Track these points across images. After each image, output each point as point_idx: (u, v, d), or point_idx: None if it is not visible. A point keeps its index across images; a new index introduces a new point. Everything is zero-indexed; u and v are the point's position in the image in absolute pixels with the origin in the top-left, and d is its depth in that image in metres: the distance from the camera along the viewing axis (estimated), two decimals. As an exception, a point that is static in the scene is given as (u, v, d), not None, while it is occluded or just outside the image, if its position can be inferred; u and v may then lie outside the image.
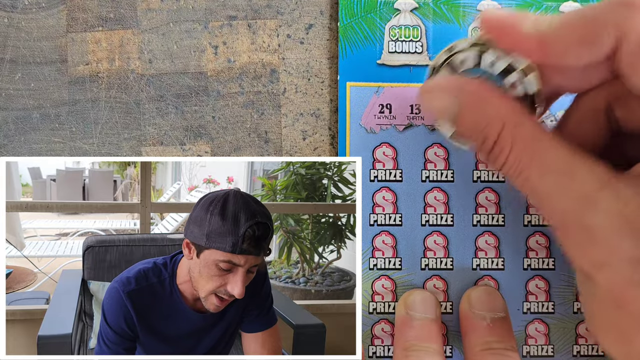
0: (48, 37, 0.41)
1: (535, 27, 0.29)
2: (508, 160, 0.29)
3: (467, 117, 0.31)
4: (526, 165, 0.29)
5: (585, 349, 0.41)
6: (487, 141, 0.30)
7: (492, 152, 0.30)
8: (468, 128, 0.31)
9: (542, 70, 0.31)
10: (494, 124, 0.30)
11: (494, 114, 0.30)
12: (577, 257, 0.29)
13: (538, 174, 0.29)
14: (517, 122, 0.29)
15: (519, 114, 0.30)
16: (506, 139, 0.29)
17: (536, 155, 0.29)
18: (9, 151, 0.41)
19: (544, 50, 0.29)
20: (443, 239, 0.41)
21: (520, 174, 0.29)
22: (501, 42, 0.31)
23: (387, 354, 0.41)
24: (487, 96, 0.30)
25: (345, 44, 0.40)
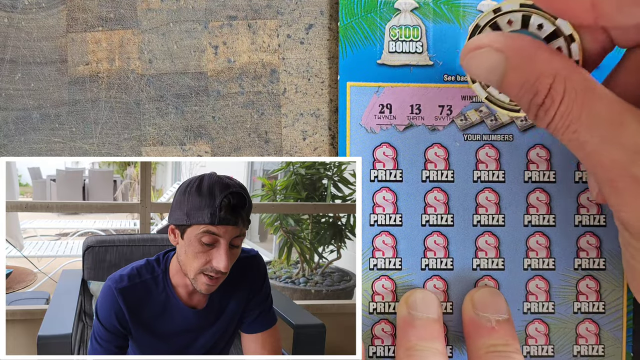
0: (48, 37, 0.41)
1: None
2: (558, 112, 0.29)
3: (517, 73, 0.30)
4: (576, 117, 0.29)
5: (585, 349, 0.41)
6: (538, 95, 0.29)
7: (543, 106, 0.29)
8: (517, 84, 0.30)
9: (593, 27, 0.31)
10: (544, 77, 0.29)
11: (543, 66, 0.29)
12: (625, 210, 0.29)
13: (588, 126, 0.28)
14: (567, 74, 0.29)
15: (569, 66, 0.29)
16: (558, 90, 0.29)
17: (587, 107, 0.28)
18: (9, 151, 0.41)
19: (597, 11, 0.28)
20: (443, 239, 0.41)
21: (568, 127, 0.29)
22: (552, 6, 0.30)
23: (387, 354, 0.41)
24: (537, 50, 0.30)
25: (345, 44, 0.40)
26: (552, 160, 0.41)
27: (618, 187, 0.28)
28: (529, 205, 0.41)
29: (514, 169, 0.41)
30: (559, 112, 0.29)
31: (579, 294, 0.41)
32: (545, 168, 0.41)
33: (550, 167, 0.41)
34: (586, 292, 0.41)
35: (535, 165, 0.41)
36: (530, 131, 0.41)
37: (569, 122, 0.29)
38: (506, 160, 0.41)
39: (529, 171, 0.41)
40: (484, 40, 0.31)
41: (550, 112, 0.29)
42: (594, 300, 0.41)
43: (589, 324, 0.41)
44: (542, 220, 0.41)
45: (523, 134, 0.41)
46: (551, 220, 0.41)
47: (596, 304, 0.41)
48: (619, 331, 0.41)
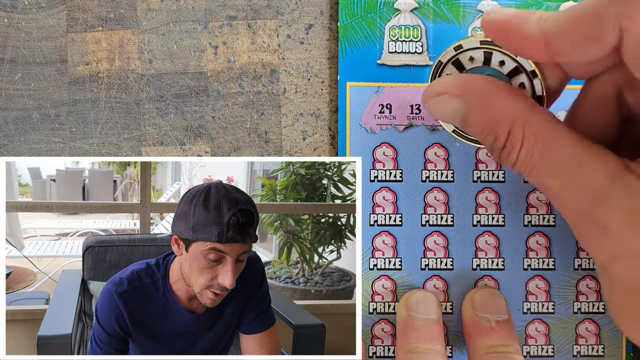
0: (48, 37, 0.41)
1: (539, 26, 0.28)
2: (519, 157, 0.29)
3: (476, 118, 0.30)
4: (537, 162, 0.29)
5: (585, 349, 0.41)
6: (498, 140, 0.30)
7: (504, 150, 0.30)
8: (478, 128, 0.31)
9: (550, 63, 0.31)
10: (504, 122, 0.29)
11: (503, 111, 0.29)
12: (593, 251, 0.29)
13: (548, 171, 0.28)
14: (527, 117, 0.29)
15: (528, 109, 0.29)
16: (517, 135, 0.29)
17: (546, 151, 0.28)
18: (9, 151, 0.41)
19: (551, 51, 0.28)
20: (443, 239, 0.41)
21: (531, 170, 0.29)
22: (505, 45, 0.30)
23: (387, 354, 0.41)
24: (495, 94, 0.30)
25: (345, 44, 0.40)
26: (552, 160, 0.41)
27: (582, 230, 0.29)
28: (529, 205, 0.41)
29: (514, 169, 0.41)
30: (520, 157, 0.29)
31: (579, 294, 0.41)
32: (545, 168, 0.41)
33: (550, 167, 0.41)
34: (586, 292, 0.41)
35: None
36: (530, 131, 0.41)
37: (531, 166, 0.29)
38: (506, 160, 0.41)
39: (529, 171, 0.41)
40: (443, 87, 0.31)
41: (512, 156, 0.30)
42: (594, 300, 0.41)
43: (589, 324, 0.41)
44: (542, 220, 0.41)
45: (523, 134, 0.41)
46: (551, 220, 0.41)
47: (596, 304, 0.41)
48: (618, 331, 0.41)
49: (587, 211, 0.28)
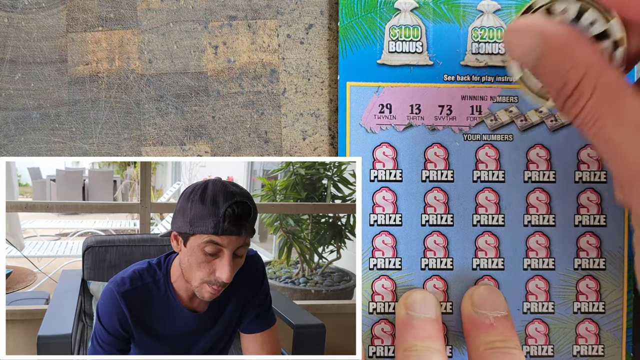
0: (48, 37, 0.41)
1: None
2: (586, 106, 0.29)
3: (551, 59, 0.30)
4: (604, 113, 0.29)
5: (585, 349, 0.41)
6: (567, 85, 0.30)
7: (571, 98, 0.30)
8: (550, 70, 0.30)
9: (635, 30, 0.31)
10: (577, 69, 0.29)
11: (579, 58, 0.29)
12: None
13: (614, 123, 0.28)
14: (601, 70, 0.29)
15: (603, 63, 0.29)
16: (588, 84, 0.29)
17: (615, 105, 0.28)
18: (9, 151, 0.41)
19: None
20: (443, 239, 0.41)
21: (596, 121, 0.29)
22: (606, 1, 0.30)
23: (387, 354, 0.41)
24: (575, 40, 0.30)
25: (345, 44, 0.40)
26: (552, 160, 0.41)
27: (637, 186, 0.28)
28: (529, 205, 0.41)
29: (514, 169, 0.41)
30: (587, 105, 0.29)
31: (579, 294, 0.41)
32: (545, 168, 0.41)
33: (550, 167, 0.41)
34: (586, 292, 0.41)
35: (535, 165, 0.41)
36: (530, 131, 0.41)
37: (597, 116, 0.29)
38: (506, 160, 0.41)
39: (529, 171, 0.41)
40: (527, 22, 0.31)
41: (579, 105, 0.29)
42: (593, 300, 0.41)
43: (589, 324, 0.41)
44: (542, 220, 0.41)
45: (523, 134, 0.41)
46: (551, 220, 0.41)
47: (596, 304, 0.41)
48: (619, 331, 0.41)
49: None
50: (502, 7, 0.40)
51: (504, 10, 0.40)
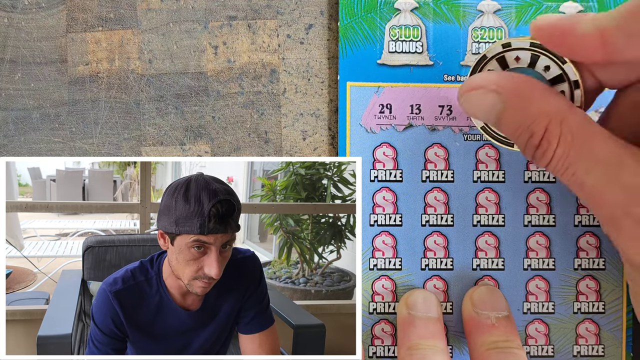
0: (48, 37, 0.41)
1: (594, 24, 0.28)
2: (555, 155, 0.29)
3: (513, 115, 0.30)
4: (574, 159, 0.29)
5: (585, 349, 0.41)
6: (533, 137, 0.30)
7: (539, 148, 0.30)
8: (513, 126, 0.30)
9: (589, 68, 0.31)
10: (540, 119, 0.29)
11: (540, 108, 0.29)
12: (629, 250, 0.29)
13: (586, 167, 0.28)
14: (564, 116, 0.29)
15: (565, 109, 0.29)
16: (553, 133, 0.29)
17: (584, 148, 0.28)
18: (9, 151, 0.41)
19: (607, 47, 0.28)
20: (443, 239, 0.41)
21: (567, 168, 0.29)
22: (558, 46, 0.30)
23: (387, 354, 0.41)
24: (534, 92, 0.30)
25: (345, 44, 0.40)
26: (552, 160, 0.41)
27: (620, 227, 0.28)
28: (529, 205, 0.41)
29: (514, 169, 0.41)
30: (556, 155, 0.29)
31: (579, 294, 0.41)
32: (545, 168, 0.41)
33: (550, 167, 0.41)
34: (586, 292, 0.41)
35: (534, 165, 0.41)
36: (530, 131, 0.41)
37: (568, 164, 0.29)
38: (506, 160, 0.41)
39: (528, 171, 0.41)
40: (480, 81, 0.31)
41: (548, 154, 0.29)
42: (593, 301, 0.41)
43: (589, 324, 0.41)
44: (542, 220, 0.41)
45: (523, 134, 0.41)
46: (551, 220, 0.41)
47: (596, 304, 0.41)
48: (619, 331, 0.41)
49: (626, 207, 0.27)
50: (502, 7, 0.40)
51: (504, 10, 0.40)
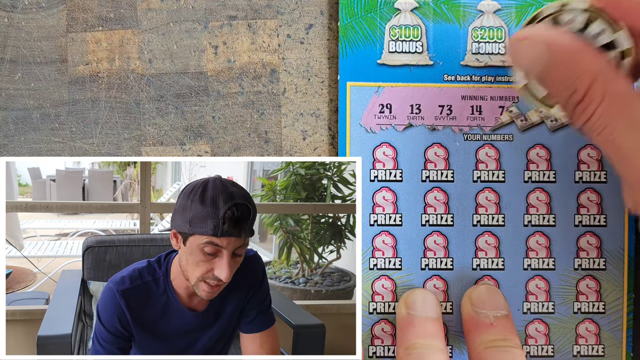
0: (48, 37, 0.41)
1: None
2: (596, 112, 0.29)
3: (559, 68, 0.30)
4: (613, 119, 0.29)
5: (585, 349, 0.41)
6: (576, 93, 0.30)
7: (581, 104, 0.30)
8: (557, 79, 0.31)
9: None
10: (585, 77, 0.29)
11: (586, 67, 0.30)
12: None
13: (624, 128, 0.29)
14: (609, 77, 0.29)
15: (611, 71, 0.30)
16: (597, 91, 0.29)
17: (625, 110, 0.29)
18: (9, 151, 0.41)
19: None
20: (443, 239, 0.41)
21: (605, 127, 0.29)
22: (613, 12, 0.31)
23: (387, 354, 0.41)
24: (581, 49, 0.30)
25: (345, 44, 0.40)
26: (552, 160, 0.41)
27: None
28: (529, 205, 0.41)
29: (514, 169, 0.41)
30: (597, 112, 0.29)
31: (579, 294, 0.41)
32: (545, 168, 0.41)
33: (550, 167, 0.41)
34: (586, 292, 0.41)
35: (535, 165, 0.41)
36: (530, 131, 0.41)
37: (607, 123, 0.29)
38: (506, 160, 0.41)
39: (529, 171, 0.41)
40: (533, 31, 0.31)
41: (588, 111, 0.30)
42: (594, 300, 0.41)
43: (589, 324, 0.41)
44: (542, 220, 0.41)
45: (523, 134, 0.41)
46: (551, 220, 0.41)
47: (596, 304, 0.41)
48: (619, 331, 0.41)
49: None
50: (502, 7, 0.40)
51: (504, 10, 0.40)
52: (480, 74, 0.41)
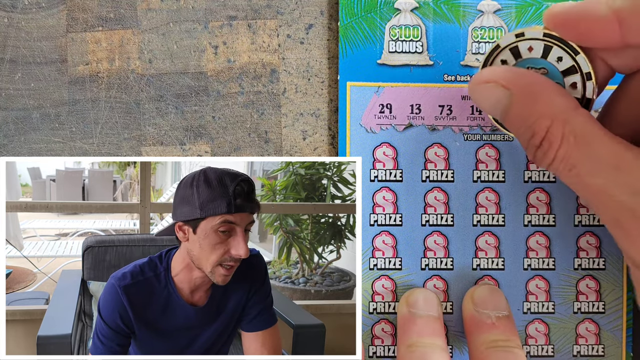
0: (48, 37, 0.41)
1: (609, 6, 0.28)
2: (557, 156, 0.29)
3: (517, 111, 0.30)
4: (578, 161, 0.29)
5: (585, 349, 0.41)
6: (535, 137, 0.30)
7: (540, 148, 0.30)
8: (517, 122, 0.31)
9: (601, 55, 0.31)
10: (543, 119, 0.29)
11: (544, 109, 0.29)
12: (633, 250, 0.29)
13: (589, 170, 0.28)
14: (567, 118, 0.29)
15: (569, 110, 0.29)
16: (555, 134, 0.29)
17: (587, 151, 0.28)
18: (9, 151, 0.41)
19: (623, 29, 0.28)
20: (443, 239, 0.41)
21: (570, 169, 0.29)
22: (573, 33, 0.30)
23: (387, 354, 0.41)
24: (541, 91, 0.30)
25: (345, 44, 0.40)
26: (552, 160, 0.41)
27: (625, 228, 0.28)
28: (529, 205, 0.41)
29: (514, 169, 0.41)
30: (558, 155, 0.29)
31: (579, 294, 0.41)
32: (545, 168, 0.41)
33: (550, 167, 0.41)
34: (586, 292, 0.41)
35: (535, 165, 0.41)
36: (530, 131, 0.41)
37: (571, 165, 0.29)
38: (506, 160, 0.41)
39: (529, 171, 0.41)
40: (491, 75, 0.31)
41: (549, 155, 0.29)
42: (594, 300, 0.41)
43: (589, 324, 0.41)
44: (542, 220, 0.41)
45: (523, 134, 0.41)
46: (551, 220, 0.41)
47: (596, 304, 0.41)
48: (619, 331, 0.41)
49: (631, 209, 0.27)
50: (502, 7, 0.40)
51: (504, 10, 0.40)
52: (480, 74, 0.41)
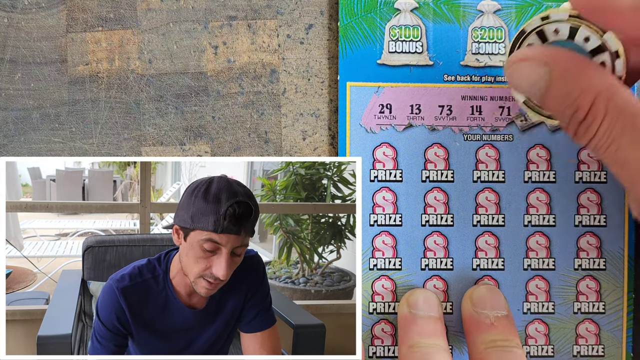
0: (48, 37, 0.41)
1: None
2: (600, 130, 0.29)
3: (559, 87, 0.30)
4: (618, 134, 0.29)
5: (585, 349, 0.41)
6: (579, 111, 0.30)
7: (584, 123, 0.30)
8: (559, 99, 0.30)
9: (631, 46, 0.31)
10: (587, 94, 0.29)
11: (587, 84, 0.29)
12: None
13: (629, 143, 0.28)
14: (611, 92, 0.29)
15: (612, 85, 0.29)
16: (599, 108, 0.29)
17: (629, 124, 0.28)
18: (9, 151, 0.41)
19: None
20: (443, 239, 0.41)
21: (611, 144, 0.29)
22: (596, 19, 0.30)
23: (387, 354, 0.41)
24: (581, 67, 0.30)
25: (345, 44, 0.40)
26: (552, 160, 0.41)
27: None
28: (529, 205, 0.41)
29: (514, 169, 0.41)
30: (600, 130, 0.29)
31: (579, 294, 0.41)
32: (545, 168, 0.41)
33: (550, 167, 0.41)
34: (586, 292, 0.41)
35: (535, 165, 0.41)
36: (530, 131, 0.41)
37: (611, 140, 0.29)
38: (506, 160, 0.41)
39: (529, 171, 0.41)
40: (530, 53, 0.31)
41: (592, 129, 0.29)
42: (594, 301, 0.41)
43: (589, 324, 0.41)
44: (542, 220, 0.41)
45: (523, 134, 0.41)
46: (551, 220, 0.41)
47: (596, 304, 0.41)
48: (619, 331, 0.41)
49: None
50: (502, 7, 0.40)
51: (504, 10, 0.40)
52: (480, 74, 0.41)
